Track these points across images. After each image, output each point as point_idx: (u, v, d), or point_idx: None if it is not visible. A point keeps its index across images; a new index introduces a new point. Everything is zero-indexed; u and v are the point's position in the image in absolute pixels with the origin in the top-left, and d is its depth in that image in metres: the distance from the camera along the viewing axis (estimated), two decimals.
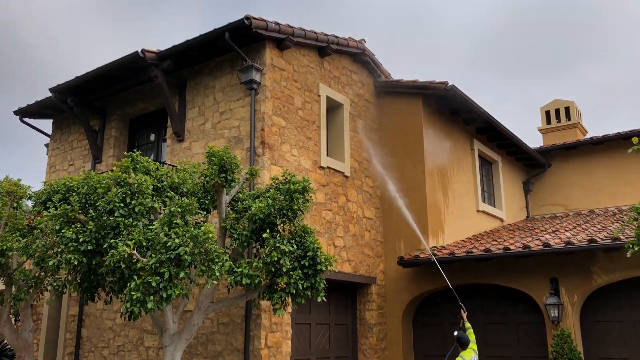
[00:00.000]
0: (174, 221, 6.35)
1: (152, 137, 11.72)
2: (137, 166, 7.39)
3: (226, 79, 9.88)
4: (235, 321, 8.70)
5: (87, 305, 10.71)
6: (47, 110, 12.25)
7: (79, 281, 7.50)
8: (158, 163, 7.89)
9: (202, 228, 6.35)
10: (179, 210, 6.46)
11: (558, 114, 19.67)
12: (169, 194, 6.93)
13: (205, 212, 8.05)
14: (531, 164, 16.58)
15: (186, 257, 6.18)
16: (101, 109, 11.82)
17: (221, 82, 9.94)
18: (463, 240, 11.97)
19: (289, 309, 8.95)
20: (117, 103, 11.61)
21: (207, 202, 7.83)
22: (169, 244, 6.20)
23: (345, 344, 10.86)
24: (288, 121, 9.68)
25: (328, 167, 10.46)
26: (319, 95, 10.55)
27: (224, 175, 7.06)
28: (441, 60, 48.96)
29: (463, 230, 12.49)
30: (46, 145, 13.13)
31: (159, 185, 7.51)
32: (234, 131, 9.53)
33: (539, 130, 19.71)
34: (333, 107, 11.18)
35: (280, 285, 7.29)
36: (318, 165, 10.24)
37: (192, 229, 6.33)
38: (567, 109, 19.54)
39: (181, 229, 6.33)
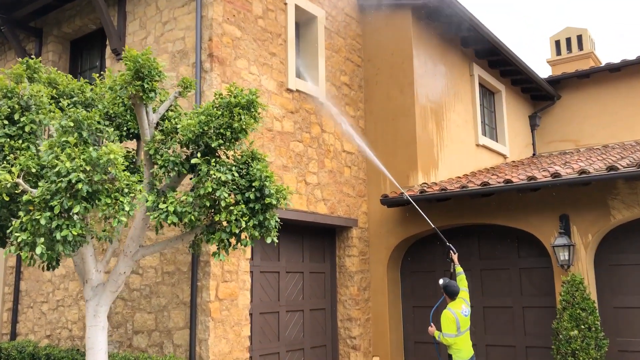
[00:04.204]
0: (62, 139, 4.81)
1: (99, 62, 10.08)
2: (35, 75, 5.82)
3: None
4: (181, 270, 7.30)
5: None
6: None
7: None
8: (70, 75, 6.31)
9: (104, 148, 4.82)
10: (71, 125, 4.91)
11: (569, 44, 17.81)
12: (70, 109, 5.37)
13: (133, 139, 6.54)
14: (539, 96, 14.88)
15: (81, 185, 4.69)
16: (38, 30, 10.15)
17: None
18: (459, 177, 10.43)
19: (248, 253, 7.55)
20: (53, 22, 9.91)
21: (137, 126, 6.30)
22: (57, 169, 4.70)
23: (322, 294, 9.50)
24: (244, 32, 8.01)
25: (297, 91, 8.83)
26: (285, 3, 8.81)
27: (139, 83, 5.45)
28: None
29: (460, 166, 10.94)
30: None
31: (68, 101, 5.97)
32: (178, 44, 7.88)
33: (548, 62, 17.90)
34: (305, 21, 9.46)
35: (222, 224, 5.84)
36: (285, 88, 8.61)
37: (91, 150, 4.80)
38: (579, 38, 17.66)
39: (77, 150, 4.80)
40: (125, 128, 6.32)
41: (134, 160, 6.60)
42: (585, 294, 7.61)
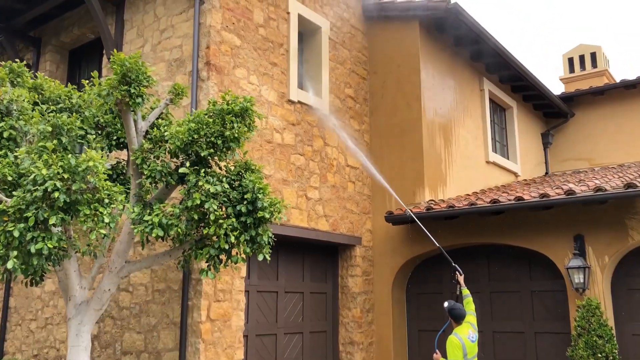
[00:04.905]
0: (40, 145, 4.49)
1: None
2: (19, 80, 5.54)
3: None
4: (172, 288, 6.92)
5: None
6: None
7: None
8: (57, 81, 6.03)
9: (83, 156, 4.51)
10: (49, 130, 4.60)
11: (583, 61, 17.40)
12: (49, 114, 5.07)
13: (124, 148, 6.21)
14: (551, 113, 14.45)
15: (57, 195, 4.36)
16: (36, 39, 9.96)
17: None
18: (468, 194, 10.01)
19: (243, 272, 7.16)
20: (52, 31, 9.72)
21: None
22: (32, 177, 4.38)
23: (323, 316, 9.05)
24: (244, 40, 7.72)
25: (300, 102, 8.52)
26: (288, 13, 8.54)
27: (126, 88, 5.14)
28: None
29: (469, 183, 10.52)
30: None
31: (53, 107, 5.68)
32: (175, 52, 7.61)
33: (560, 79, 17.49)
34: (308, 31, 9.18)
35: (212, 240, 5.47)
36: (286, 99, 8.29)
37: (70, 156, 4.48)
38: (593, 55, 17.24)
39: (55, 157, 4.48)
40: (115, 137, 6.02)
41: (124, 171, 6.29)
42: (602, 320, 7.12)
